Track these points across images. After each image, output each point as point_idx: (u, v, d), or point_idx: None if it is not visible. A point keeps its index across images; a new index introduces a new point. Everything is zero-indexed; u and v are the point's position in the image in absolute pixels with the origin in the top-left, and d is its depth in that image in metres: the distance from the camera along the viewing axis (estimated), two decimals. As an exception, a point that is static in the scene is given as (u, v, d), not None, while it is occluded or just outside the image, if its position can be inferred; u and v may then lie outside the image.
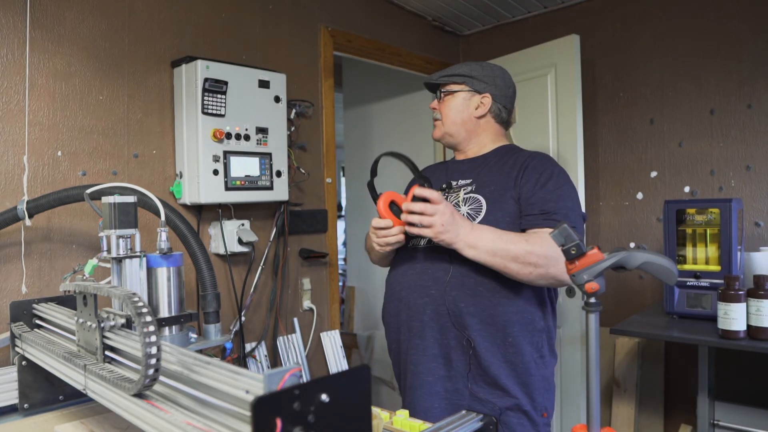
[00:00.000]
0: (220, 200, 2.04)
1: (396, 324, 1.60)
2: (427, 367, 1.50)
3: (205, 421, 0.73)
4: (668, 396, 2.70)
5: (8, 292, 1.72)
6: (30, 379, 1.27)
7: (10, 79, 1.72)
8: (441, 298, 1.48)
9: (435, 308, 1.48)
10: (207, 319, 1.58)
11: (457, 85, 1.63)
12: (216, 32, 2.20)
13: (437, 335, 1.48)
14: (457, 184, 1.61)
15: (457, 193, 1.58)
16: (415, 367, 1.53)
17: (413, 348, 1.54)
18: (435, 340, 1.49)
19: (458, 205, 1.54)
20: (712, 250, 2.17)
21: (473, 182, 1.58)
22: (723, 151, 2.57)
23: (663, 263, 1.01)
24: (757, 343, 1.82)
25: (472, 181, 1.58)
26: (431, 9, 3.07)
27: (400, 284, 1.59)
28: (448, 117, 1.64)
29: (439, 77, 1.66)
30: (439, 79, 1.66)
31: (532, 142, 2.87)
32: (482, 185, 1.55)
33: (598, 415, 1.01)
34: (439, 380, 1.48)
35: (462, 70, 1.63)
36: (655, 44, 2.73)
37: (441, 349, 1.48)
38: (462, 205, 1.54)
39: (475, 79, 1.62)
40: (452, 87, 1.64)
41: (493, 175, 1.56)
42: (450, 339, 1.47)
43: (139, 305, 0.83)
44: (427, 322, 1.50)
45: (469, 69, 1.63)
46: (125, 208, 1.23)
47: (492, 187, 1.53)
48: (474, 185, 1.56)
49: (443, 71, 1.67)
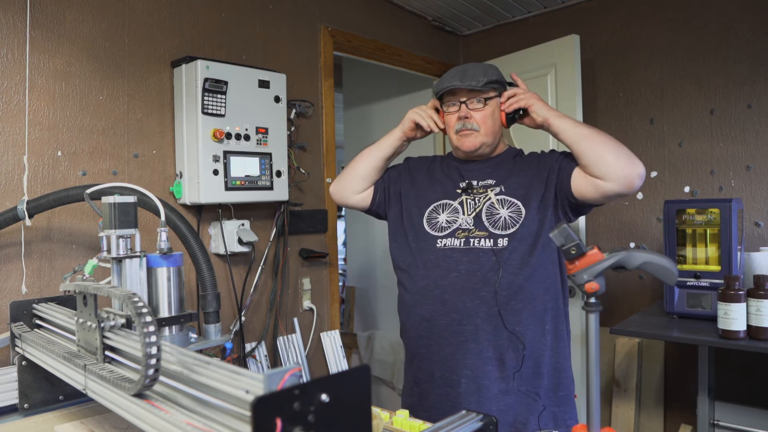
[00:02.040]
0: (220, 200, 2.04)
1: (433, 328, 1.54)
2: (483, 371, 1.49)
3: (205, 421, 0.73)
4: (668, 396, 2.70)
5: (8, 292, 1.72)
6: (30, 379, 1.27)
7: (10, 79, 1.72)
8: (492, 299, 1.48)
9: (487, 310, 1.48)
10: (207, 319, 1.58)
11: (493, 91, 1.58)
12: (216, 32, 2.20)
13: (491, 337, 1.48)
14: (479, 184, 1.60)
15: (485, 194, 1.57)
16: (472, 371, 1.50)
17: (467, 352, 1.50)
18: (489, 343, 1.49)
19: (494, 206, 1.54)
20: (712, 250, 2.17)
21: (498, 183, 1.58)
22: (723, 151, 2.57)
23: (663, 263, 1.01)
24: (757, 343, 1.82)
25: (496, 182, 1.58)
26: (431, 9, 3.07)
27: (440, 287, 1.52)
28: (488, 126, 1.57)
29: (481, 84, 1.53)
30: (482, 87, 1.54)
31: (533, 142, 2.86)
32: (511, 188, 1.56)
33: (598, 415, 1.01)
34: (494, 382, 1.48)
35: (491, 74, 1.57)
36: (655, 44, 2.73)
37: (495, 352, 1.49)
38: (499, 206, 1.54)
39: (499, 83, 1.59)
40: (491, 93, 1.57)
41: (518, 177, 1.57)
42: (503, 340, 1.48)
43: (139, 305, 0.83)
44: (480, 325, 1.48)
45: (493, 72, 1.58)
46: (125, 208, 1.23)
47: (522, 191, 1.55)
48: (501, 186, 1.56)
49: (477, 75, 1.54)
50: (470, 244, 1.52)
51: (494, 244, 1.51)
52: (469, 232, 1.54)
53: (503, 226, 1.52)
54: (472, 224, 1.54)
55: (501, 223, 1.52)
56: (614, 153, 1.44)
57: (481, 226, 1.54)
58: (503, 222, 1.52)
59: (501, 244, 1.50)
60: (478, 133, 1.56)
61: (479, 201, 1.57)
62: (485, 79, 1.54)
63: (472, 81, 1.53)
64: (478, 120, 1.56)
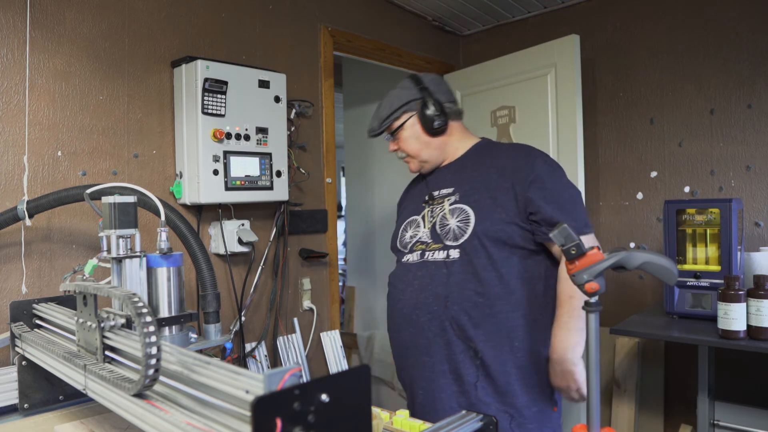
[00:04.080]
0: (220, 200, 2.04)
1: (401, 340, 1.59)
2: (437, 384, 1.49)
3: (205, 421, 0.73)
4: (668, 396, 2.70)
5: (8, 292, 1.72)
6: (30, 379, 1.27)
7: (10, 79, 1.72)
8: (444, 313, 1.47)
9: (439, 324, 1.47)
10: (207, 319, 1.58)
11: (398, 119, 1.60)
12: (216, 32, 2.20)
13: (444, 351, 1.47)
14: (439, 194, 1.58)
15: (442, 205, 1.55)
16: (427, 384, 1.52)
17: (422, 365, 1.53)
18: (443, 356, 1.48)
19: (445, 218, 1.52)
20: (712, 250, 2.17)
21: (455, 191, 1.55)
22: (723, 151, 2.57)
23: (663, 263, 1.01)
24: (757, 343, 1.82)
25: (454, 189, 1.55)
26: (431, 9, 3.07)
27: (401, 301, 1.57)
28: (412, 148, 1.61)
29: (380, 126, 1.63)
30: (381, 128, 1.63)
31: (532, 142, 2.86)
32: (466, 194, 1.52)
33: (598, 415, 1.01)
34: (452, 396, 1.47)
35: (393, 103, 1.60)
36: (655, 44, 2.73)
37: (449, 365, 1.47)
38: (450, 217, 1.51)
39: (408, 102, 1.59)
40: (395, 123, 1.61)
41: (475, 181, 1.53)
42: (457, 354, 1.46)
43: (139, 305, 0.83)
44: (432, 339, 1.49)
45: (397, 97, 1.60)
46: (125, 208, 1.23)
47: (476, 195, 1.50)
48: (457, 194, 1.54)
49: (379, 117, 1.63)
50: (425, 257, 1.53)
51: (446, 257, 1.49)
52: (426, 245, 1.54)
53: (453, 237, 1.50)
54: (429, 237, 1.54)
55: (451, 233, 1.50)
56: None
57: (436, 238, 1.53)
58: (453, 232, 1.50)
59: (452, 256, 1.48)
60: (411, 157, 1.64)
61: (435, 212, 1.56)
62: (377, 123, 1.63)
63: (372, 128, 1.66)
64: (403, 148, 1.63)
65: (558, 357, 1.44)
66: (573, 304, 1.43)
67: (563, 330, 1.44)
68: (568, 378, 1.43)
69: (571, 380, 1.43)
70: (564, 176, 1.53)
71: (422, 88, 1.58)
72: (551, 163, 1.54)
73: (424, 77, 1.62)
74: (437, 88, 1.60)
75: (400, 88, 1.62)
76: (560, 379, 1.45)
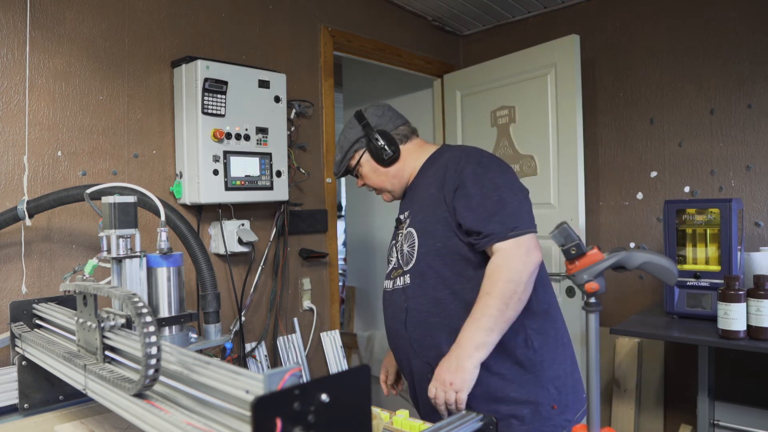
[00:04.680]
0: (220, 200, 2.04)
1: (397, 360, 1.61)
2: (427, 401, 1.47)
3: (205, 421, 0.73)
4: (668, 396, 2.70)
5: (8, 292, 1.72)
6: (30, 379, 1.27)
7: (10, 79, 1.72)
8: (409, 337, 1.47)
9: (410, 347, 1.48)
10: (207, 319, 1.58)
11: (352, 159, 1.61)
12: (216, 32, 2.20)
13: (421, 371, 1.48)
14: (404, 217, 1.58)
15: (402, 231, 1.55)
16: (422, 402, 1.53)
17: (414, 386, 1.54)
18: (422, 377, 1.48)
19: (402, 245, 1.52)
20: (712, 250, 2.17)
21: (410, 213, 1.54)
22: (723, 151, 2.57)
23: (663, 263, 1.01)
24: (757, 343, 1.82)
25: (409, 212, 1.55)
26: (431, 9, 3.07)
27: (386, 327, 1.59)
28: (375, 181, 1.61)
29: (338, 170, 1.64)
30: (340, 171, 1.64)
31: (533, 142, 2.87)
32: (415, 214, 1.51)
33: (598, 415, 1.01)
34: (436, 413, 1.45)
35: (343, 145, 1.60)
36: (655, 44, 2.73)
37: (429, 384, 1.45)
38: (404, 243, 1.51)
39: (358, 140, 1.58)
40: (351, 163, 1.61)
41: (421, 201, 1.51)
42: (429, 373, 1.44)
43: (139, 305, 0.83)
44: (411, 360, 1.50)
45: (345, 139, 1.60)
46: (125, 208, 1.23)
47: (420, 215, 1.49)
48: (410, 217, 1.53)
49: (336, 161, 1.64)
50: (393, 284, 1.53)
51: (404, 282, 1.49)
52: (395, 271, 1.55)
53: (406, 261, 1.49)
54: (397, 263, 1.55)
55: (405, 258, 1.50)
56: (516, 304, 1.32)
57: (399, 264, 1.53)
58: (406, 257, 1.50)
59: (407, 281, 1.48)
60: (380, 189, 1.64)
61: (400, 237, 1.56)
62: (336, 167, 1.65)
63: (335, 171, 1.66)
64: (367, 183, 1.64)
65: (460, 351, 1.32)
66: (488, 301, 1.32)
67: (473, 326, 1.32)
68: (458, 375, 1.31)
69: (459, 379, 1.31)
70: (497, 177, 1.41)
71: (365, 125, 1.58)
72: (484, 165, 1.44)
73: (367, 111, 1.60)
74: (380, 119, 1.59)
75: (348, 128, 1.61)
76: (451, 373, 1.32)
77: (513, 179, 1.45)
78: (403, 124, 1.62)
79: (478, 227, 1.36)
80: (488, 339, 1.32)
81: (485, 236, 1.36)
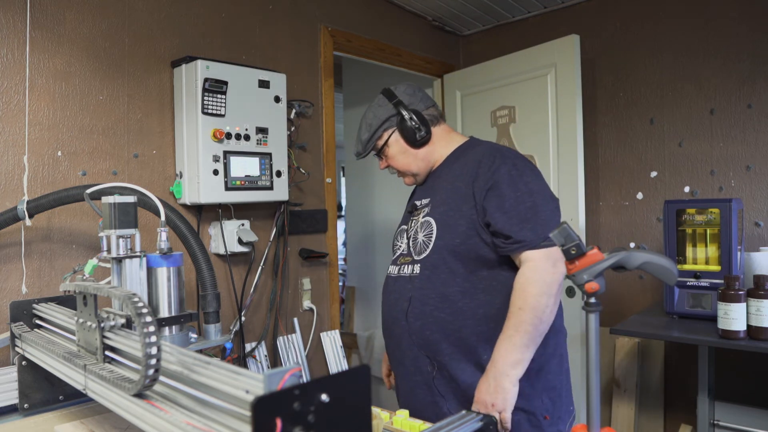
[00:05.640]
0: (220, 200, 2.04)
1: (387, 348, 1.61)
2: (413, 394, 1.48)
3: (205, 421, 0.73)
4: (668, 396, 2.70)
5: (8, 292, 1.72)
6: (30, 379, 1.27)
7: (10, 79, 1.72)
8: (409, 328, 1.46)
9: (408, 338, 1.47)
10: (207, 319, 1.58)
11: (380, 139, 1.56)
12: (216, 32, 2.20)
13: (416, 363, 1.46)
14: (420, 204, 1.55)
15: (417, 218, 1.53)
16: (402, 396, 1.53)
17: (399, 375, 1.54)
18: (415, 369, 1.47)
19: (417, 232, 1.50)
20: (712, 250, 2.17)
21: (430, 201, 1.52)
22: (723, 151, 2.57)
23: (663, 263, 1.01)
24: (757, 343, 1.82)
25: (430, 200, 1.52)
26: (431, 9, 3.07)
27: (383, 313, 1.58)
28: (401, 163, 1.57)
29: (365, 149, 1.59)
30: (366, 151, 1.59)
31: (532, 142, 2.87)
32: (436, 205, 1.48)
33: (598, 415, 1.01)
34: (427, 406, 1.45)
35: (372, 123, 1.55)
36: (655, 44, 2.73)
37: (422, 377, 1.46)
38: (420, 231, 1.49)
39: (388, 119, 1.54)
40: (379, 143, 1.57)
41: (445, 192, 1.48)
42: (426, 366, 1.44)
43: (139, 305, 0.83)
44: (405, 351, 1.49)
45: (374, 117, 1.55)
46: (125, 208, 1.23)
47: (443, 207, 1.46)
48: (430, 205, 1.50)
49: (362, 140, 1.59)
50: (400, 271, 1.52)
51: (412, 271, 1.47)
52: (403, 257, 1.53)
53: (418, 252, 1.47)
54: (407, 250, 1.53)
55: (418, 248, 1.48)
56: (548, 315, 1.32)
57: (410, 252, 1.51)
58: (419, 247, 1.48)
59: (416, 271, 1.46)
60: (404, 172, 1.60)
61: (414, 224, 1.53)
62: (361, 146, 1.59)
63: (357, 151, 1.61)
64: (392, 165, 1.60)
65: (497, 371, 1.31)
66: (521, 317, 1.30)
67: (508, 343, 1.31)
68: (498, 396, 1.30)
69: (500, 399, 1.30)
70: (532, 182, 1.40)
71: (396, 102, 1.53)
72: (519, 167, 1.42)
73: (397, 89, 1.56)
74: (412, 98, 1.54)
75: (376, 106, 1.56)
76: (491, 395, 1.30)
77: (546, 186, 1.45)
78: (433, 105, 1.58)
79: (509, 231, 1.34)
80: (524, 356, 1.31)
81: (515, 242, 1.34)
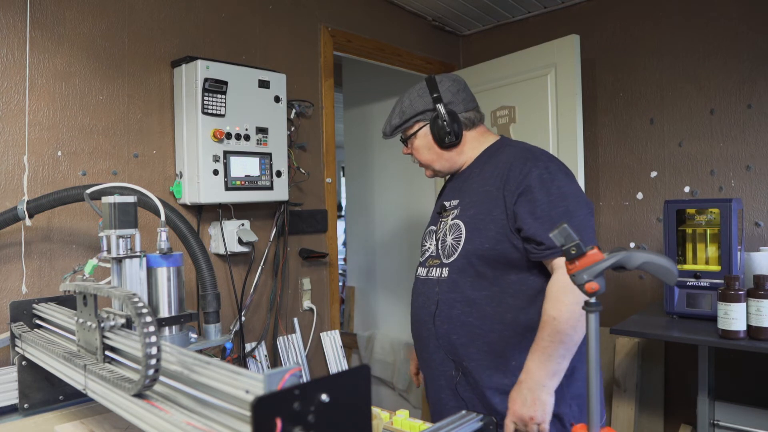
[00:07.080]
0: (220, 200, 2.04)
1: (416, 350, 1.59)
2: (438, 398, 1.48)
3: (205, 421, 0.73)
4: (668, 396, 2.70)
5: (8, 292, 1.72)
6: (30, 379, 1.27)
7: (10, 79, 1.72)
8: (435, 331, 1.45)
9: (435, 341, 1.45)
10: (207, 319, 1.58)
11: (410, 128, 1.54)
12: (216, 32, 2.20)
13: (441, 367, 1.46)
14: (450, 205, 1.53)
15: (446, 219, 1.50)
16: (430, 398, 1.52)
17: (426, 377, 1.54)
18: (440, 373, 1.46)
19: (446, 234, 1.48)
20: (712, 250, 2.17)
21: (459, 203, 1.49)
22: (723, 151, 2.57)
23: (663, 263, 1.01)
24: (757, 343, 1.82)
25: (459, 201, 1.50)
26: (431, 9, 3.07)
27: (412, 315, 1.56)
28: (423, 157, 1.55)
29: (392, 133, 1.56)
30: (393, 135, 1.57)
31: (532, 142, 2.86)
32: (465, 207, 1.46)
33: (598, 415, 1.01)
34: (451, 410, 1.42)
35: (405, 111, 1.52)
36: (655, 44, 2.73)
37: (447, 382, 1.46)
38: (448, 234, 1.47)
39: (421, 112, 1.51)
40: (408, 132, 1.55)
41: (475, 195, 1.45)
42: (451, 370, 1.44)
43: (139, 305, 0.83)
44: (431, 354, 1.47)
45: (410, 105, 1.51)
46: (125, 208, 1.23)
47: (472, 210, 1.43)
48: (459, 207, 1.48)
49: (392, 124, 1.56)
50: (428, 273, 1.50)
51: (440, 274, 1.46)
52: (432, 260, 1.51)
53: (447, 255, 1.45)
54: (435, 252, 1.51)
55: (447, 251, 1.46)
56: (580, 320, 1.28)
57: (438, 254, 1.49)
58: (447, 250, 1.46)
59: (444, 274, 1.45)
60: (426, 166, 1.59)
61: (443, 226, 1.51)
62: (389, 129, 1.56)
63: (384, 132, 1.58)
64: (415, 156, 1.58)
65: (533, 383, 1.29)
66: (556, 326, 1.28)
67: (542, 354, 1.29)
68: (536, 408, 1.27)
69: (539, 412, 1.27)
70: (565, 186, 1.38)
71: (437, 98, 1.48)
72: (551, 170, 1.39)
73: (442, 83, 1.50)
74: (454, 97, 1.49)
75: (417, 94, 1.52)
76: (528, 408, 1.28)
77: (579, 190, 1.42)
78: (474, 108, 1.54)
79: (541, 237, 1.32)
80: (560, 366, 1.29)
81: (547, 248, 1.32)
